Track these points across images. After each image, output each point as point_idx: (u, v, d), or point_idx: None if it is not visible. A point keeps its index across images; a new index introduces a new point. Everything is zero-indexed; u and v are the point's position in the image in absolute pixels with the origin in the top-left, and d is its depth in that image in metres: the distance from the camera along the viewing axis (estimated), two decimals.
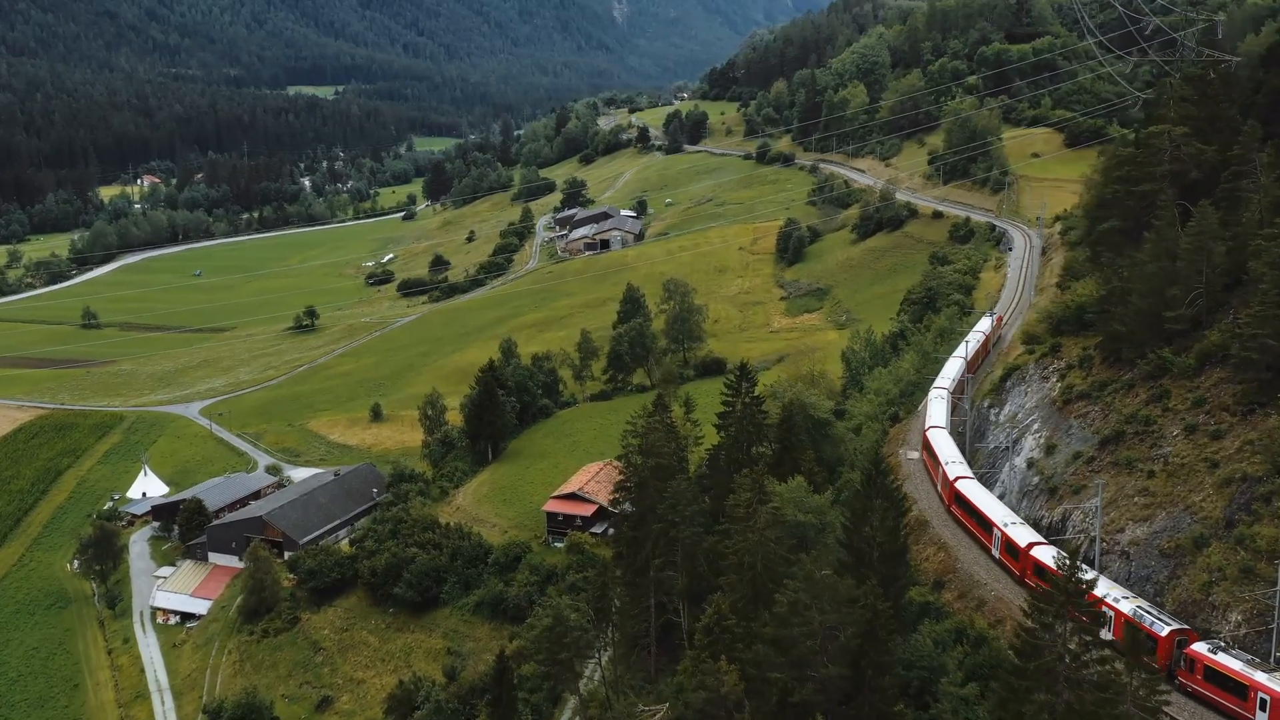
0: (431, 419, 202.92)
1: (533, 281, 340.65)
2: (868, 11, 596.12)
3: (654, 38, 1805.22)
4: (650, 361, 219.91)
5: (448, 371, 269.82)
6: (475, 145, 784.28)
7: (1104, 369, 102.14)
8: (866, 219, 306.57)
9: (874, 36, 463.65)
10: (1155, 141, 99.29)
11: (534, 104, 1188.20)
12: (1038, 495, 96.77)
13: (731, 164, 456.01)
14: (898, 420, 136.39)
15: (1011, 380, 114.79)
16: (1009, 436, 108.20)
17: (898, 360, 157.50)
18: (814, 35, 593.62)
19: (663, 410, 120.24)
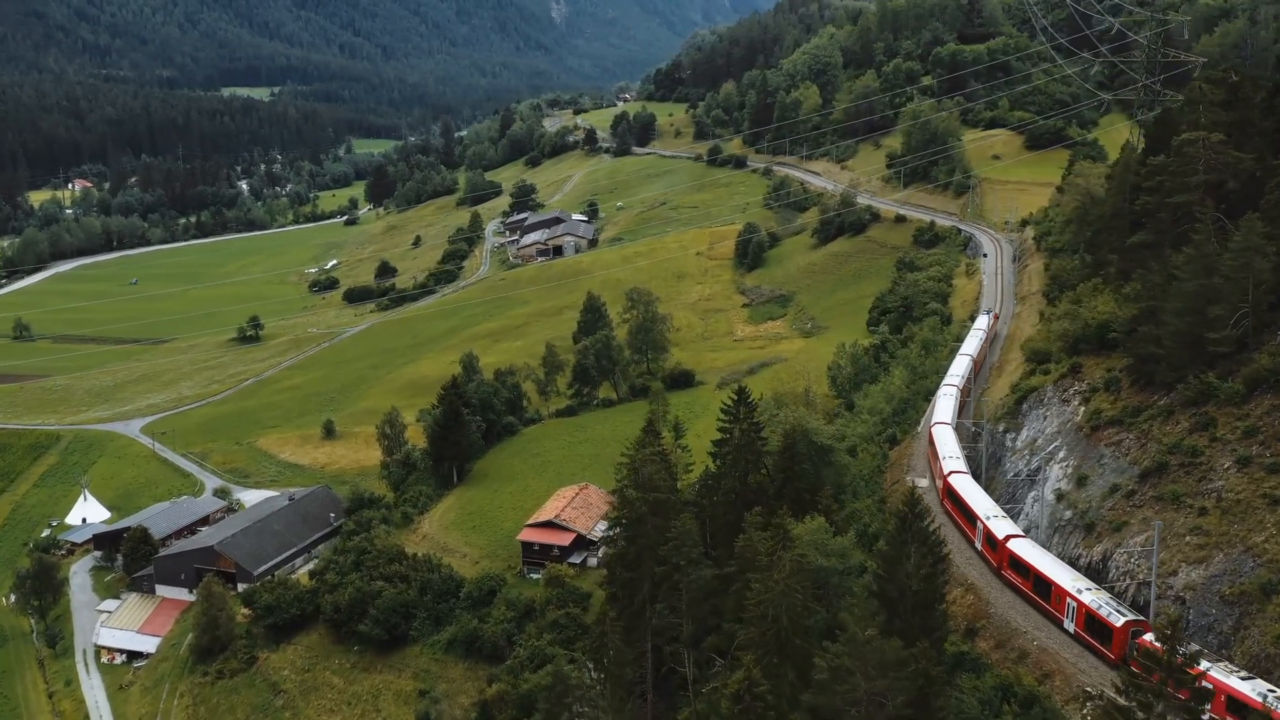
0: (391, 438, 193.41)
1: (485, 289, 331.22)
2: (814, 12, 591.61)
3: (592, 38, 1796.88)
4: (616, 375, 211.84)
5: (401, 384, 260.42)
6: (416, 147, 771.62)
7: (1134, 393, 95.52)
8: (827, 223, 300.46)
9: (825, 37, 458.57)
10: (1189, 150, 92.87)
11: (473, 105, 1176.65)
12: (1071, 531, 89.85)
13: (682, 167, 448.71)
14: (896, 443, 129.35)
15: (1028, 403, 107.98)
16: (1029, 465, 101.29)
17: (887, 376, 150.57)
18: (761, 36, 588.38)
19: (654, 437, 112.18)
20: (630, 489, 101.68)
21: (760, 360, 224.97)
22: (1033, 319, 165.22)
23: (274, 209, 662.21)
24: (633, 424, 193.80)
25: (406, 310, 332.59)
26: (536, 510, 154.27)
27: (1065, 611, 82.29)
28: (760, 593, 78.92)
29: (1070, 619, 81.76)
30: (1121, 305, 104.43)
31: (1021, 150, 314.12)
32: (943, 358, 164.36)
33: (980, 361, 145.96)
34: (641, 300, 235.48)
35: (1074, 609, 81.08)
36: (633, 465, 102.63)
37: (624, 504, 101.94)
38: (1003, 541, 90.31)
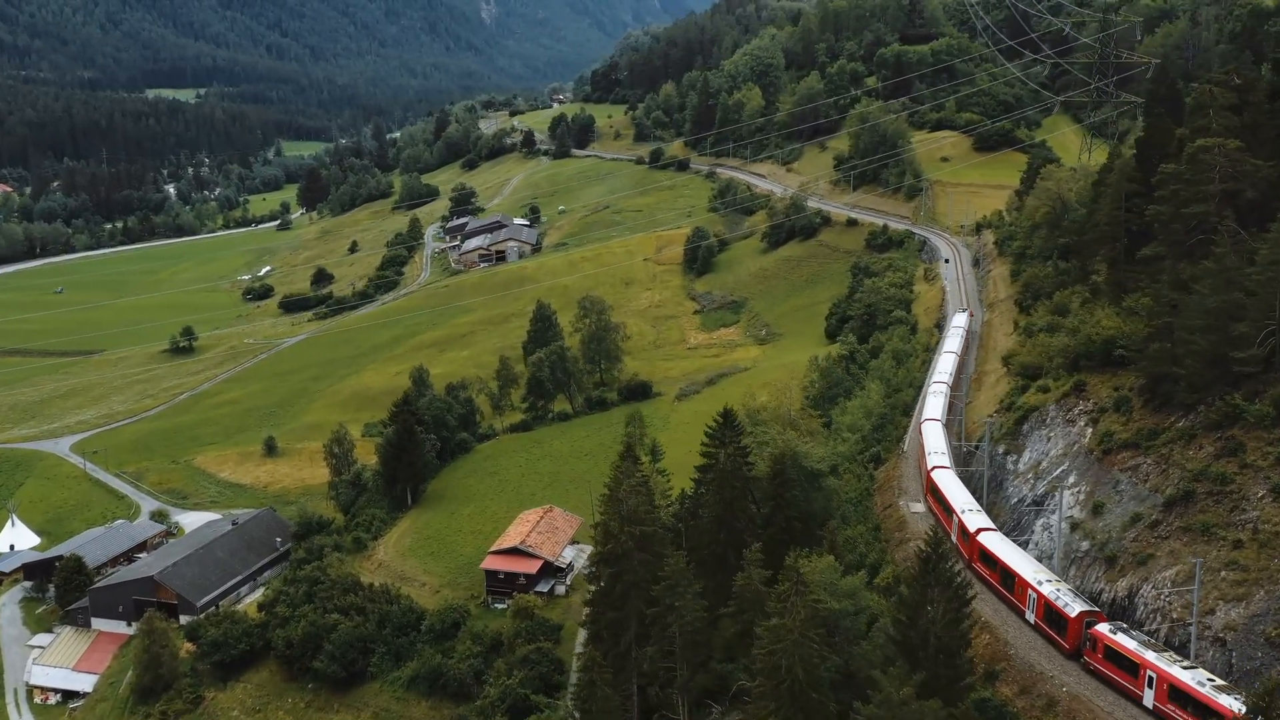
0: (339, 457, 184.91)
1: (427, 296, 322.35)
2: (751, 13, 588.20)
3: (523, 39, 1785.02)
4: (572, 387, 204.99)
5: (344, 397, 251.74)
6: (348, 150, 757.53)
7: (1147, 414, 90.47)
8: (777, 227, 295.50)
9: (766, 38, 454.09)
10: (1205, 157, 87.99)
11: (404, 106, 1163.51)
12: (1090, 564, 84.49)
13: (624, 169, 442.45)
14: (879, 462, 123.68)
15: (1029, 423, 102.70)
16: (1034, 489, 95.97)
17: (863, 391, 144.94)
18: (698, 36, 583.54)
19: (633, 462, 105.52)
20: (614, 522, 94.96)
21: (719, 370, 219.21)
22: (1005, 327, 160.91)
23: (203, 214, 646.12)
24: (590, 438, 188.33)
25: (346, 319, 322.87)
26: (499, 535, 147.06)
27: (1027, 603, 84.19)
28: (771, 641, 72.62)
29: (1031, 610, 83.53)
30: (1127, 320, 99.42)
31: (971, 152, 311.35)
32: (915, 368, 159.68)
33: (962, 360, 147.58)
34: (594, 309, 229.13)
35: (1034, 600, 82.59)
36: (615, 496, 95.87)
37: (607, 538, 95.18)
38: (974, 535, 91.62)
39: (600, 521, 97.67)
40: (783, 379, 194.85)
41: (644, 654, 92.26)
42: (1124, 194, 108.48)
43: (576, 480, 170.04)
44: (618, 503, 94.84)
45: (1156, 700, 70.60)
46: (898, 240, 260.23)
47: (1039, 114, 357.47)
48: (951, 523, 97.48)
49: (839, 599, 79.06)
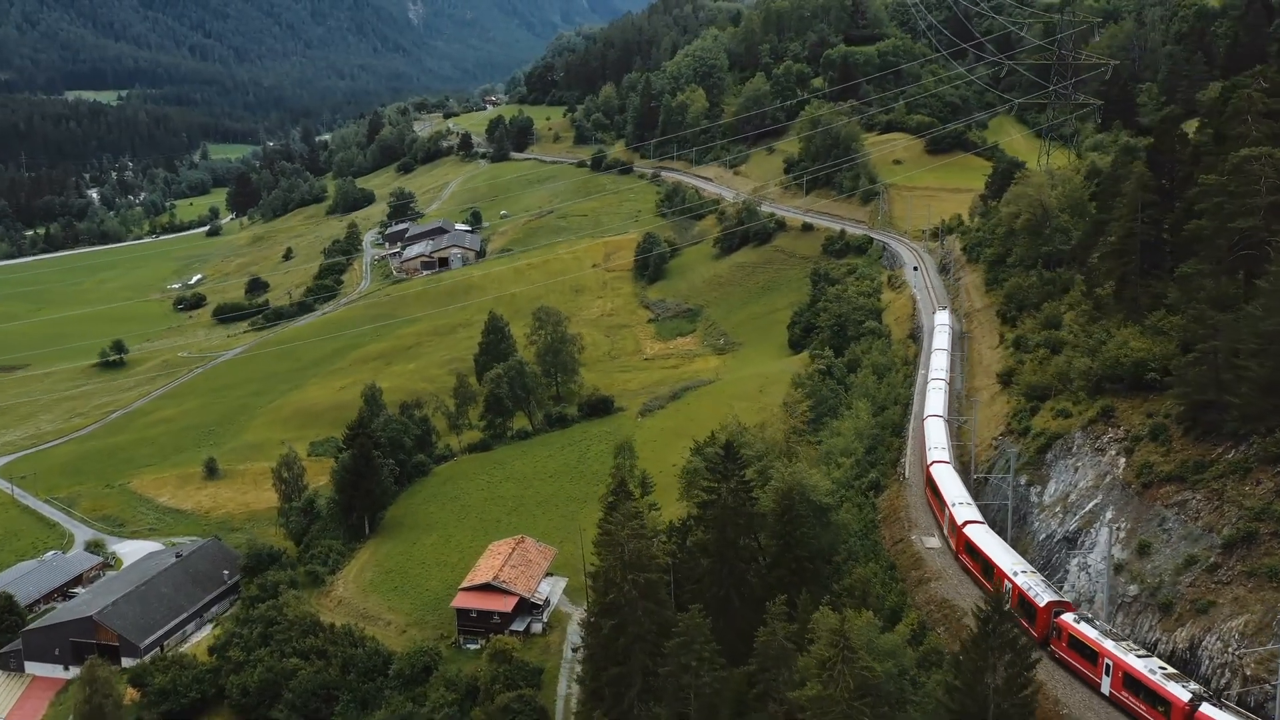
0: (289, 482, 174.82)
1: (369, 306, 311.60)
2: (689, 13, 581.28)
3: (451, 39, 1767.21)
4: (531, 404, 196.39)
5: (287, 414, 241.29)
6: (277, 153, 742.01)
7: (1189, 444, 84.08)
8: (730, 232, 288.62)
9: (709, 39, 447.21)
10: (1252, 168, 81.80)
11: (333, 108, 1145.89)
12: (1142, 610, 77.73)
13: (565, 172, 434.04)
14: (879, 489, 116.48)
15: (1053, 452, 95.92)
16: (1065, 525, 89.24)
17: (850, 411, 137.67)
18: (636, 37, 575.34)
19: (625, 497, 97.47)
20: (614, 568, 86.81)
21: (682, 383, 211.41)
22: (989, 340, 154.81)
23: (129, 219, 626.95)
24: (554, 458, 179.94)
25: (285, 330, 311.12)
26: (465, 567, 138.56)
27: (1003, 593, 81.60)
28: (816, 715, 65.05)
29: (1007, 600, 78.91)
30: (1156, 341, 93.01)
31: (923, 155, 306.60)
32: (898, 383, 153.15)
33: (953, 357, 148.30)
34: (550, 320, 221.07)
35: (1010, 590, 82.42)
36: (614, 540, 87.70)
37: (608, 586, 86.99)
38: (960, 527, 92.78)
39: (600, 569, 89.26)
40: (750, 392, 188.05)
41: (650, 713, 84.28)
42: (1140, 204, 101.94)
43: (543, 504, 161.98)
44: (617, 547, 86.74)
45: (1112, 687, 72.15)
46: (856, 246, 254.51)
47: (986, 116, 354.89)
48: (944, 516, 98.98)
49: (880, 659, 71.55)
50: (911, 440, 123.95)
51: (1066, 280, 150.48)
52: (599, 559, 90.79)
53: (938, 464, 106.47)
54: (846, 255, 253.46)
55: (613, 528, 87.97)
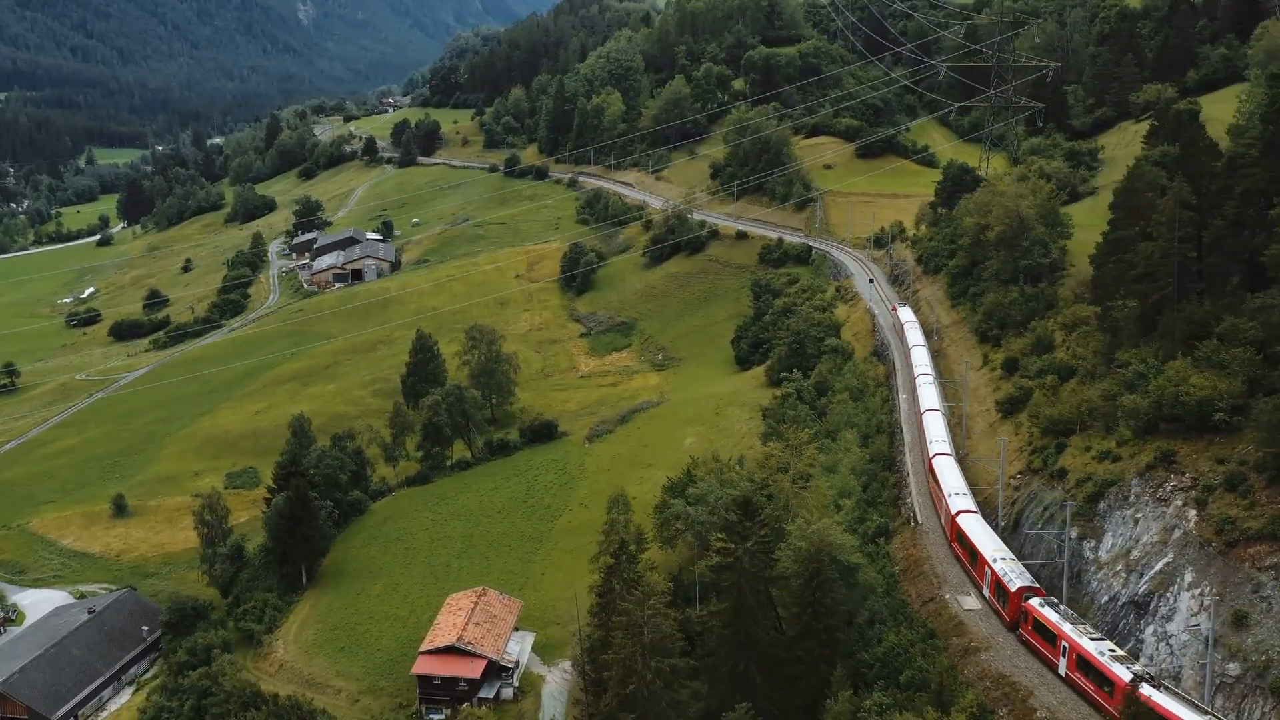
0: (212, 525, 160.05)
1: (280, 322, 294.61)
2: (595, 14, 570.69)
3: (342, 40, 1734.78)
4: (471, 431, 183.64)
5: (199, 442, 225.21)
6: (168, 157, 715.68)
7: (1277, 496, 75.09)
8: (660, 241, 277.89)
9: (622, 40, 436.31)
10: None
11: (224, 111, 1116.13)
12: (1249, 694, 68.37)
13: (477, 178, 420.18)
14: (888, 535, 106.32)
15: (1107, 501, 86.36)
16: (1131, 587, 79.78)
17: (837, 444, 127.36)
18: (542, 39, 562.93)
19: (629, 561, 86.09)
20: (633, 654, 75.39)
21: (624, 402, 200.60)
22: (969, 359, 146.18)
23: (11, 229, 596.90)
24: (499, 491, 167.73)
25: (190, 348, 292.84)
26: (420, 623, 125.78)
27: (984, 579, 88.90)
28: None
29: (986, 585, 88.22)
30: (1220, 377, 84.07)
31: (853, 159, 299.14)
32: (877, 407, 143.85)
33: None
34: (484, 339, 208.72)
35: (989, 576, 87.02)
36: (633, 621, 76.27)
37: (627, 675, 75.55)
38: (953, 516, 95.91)
39: (616, 655, 77.65)
40: (705, 415, 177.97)
41: None
42: (1177, 223, 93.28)
43: (495, 545, 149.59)
44: (636, 630, 75.34)
45: (1068, 669, 75.51)
46: (795, 255, 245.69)
47: (905, 117, 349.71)
48: (942, 506, 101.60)
49: None
50: (913, 477, 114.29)
51: (1050, 296, 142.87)
52: (610, 639, 79.26)
53: (940, 456, 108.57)
54: (785, 265, 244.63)
55: (630, 606, 76.54)
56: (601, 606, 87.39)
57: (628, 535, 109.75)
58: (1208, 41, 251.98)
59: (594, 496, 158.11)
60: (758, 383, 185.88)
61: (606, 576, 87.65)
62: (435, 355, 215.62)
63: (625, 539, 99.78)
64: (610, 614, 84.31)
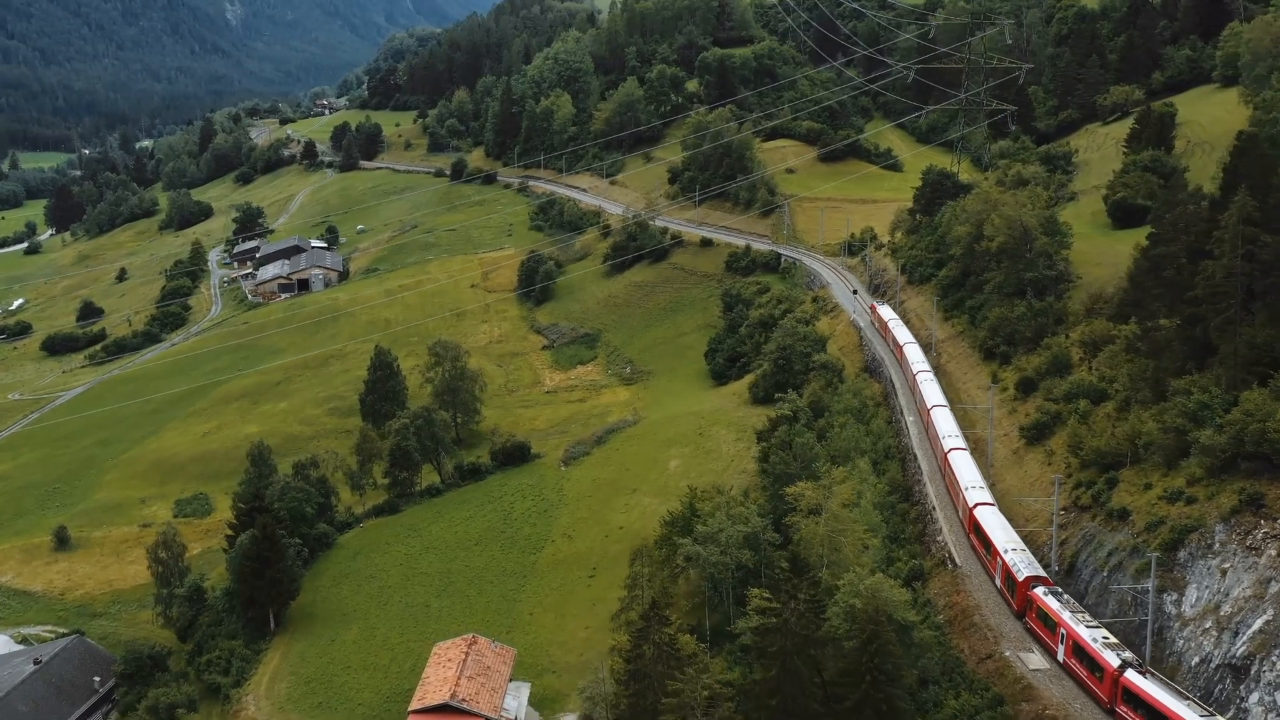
0: (167, 564, 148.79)
1: (225, 336, 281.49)
2: (537, 14, 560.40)
3: (272, 41, 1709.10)
4: (441, 455, 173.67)
5: (144, 466, 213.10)
6: (95, 161, 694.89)
7: None
8: (620, 248, 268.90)
9: (570, 41, 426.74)
10: None
11: (152, 113, 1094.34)
12: None
13: (422, 183, 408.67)
14: (921, 577, 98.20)
15: (1188, 549, 78.72)
16: (1226, 648, 72.14)
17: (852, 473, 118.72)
18: (484, 39, 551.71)
19: (660, 623, 77.26)
20: None
21: (596, 419, 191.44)
22: (974, 378, 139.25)
23: None
24: (474, 520, 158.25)
25: (131, 364, 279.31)
26: (402, 672, 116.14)
27: (996, 569, 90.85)
28: None
29: (998, 575, 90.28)
30: None
31: (815, 163, 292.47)
32: (881, 429, 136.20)
33: None
34: (448, 354, 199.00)
35: (1001, 566, 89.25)
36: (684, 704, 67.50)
37: None
38: (971, 509, 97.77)
39: None
40: (687, 435, 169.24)
41: None
42: (1240, 239, 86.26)
43: (476, 581, 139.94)
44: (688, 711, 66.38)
45: (1065, 655, 77.97)
46: (764, 263, 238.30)
47: (860, 119, 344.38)
48: (959, 500, 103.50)
49: None
50: (941, 512, 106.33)
51: (1058, 311, 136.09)
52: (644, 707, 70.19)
53: (955, 451, 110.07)
54: (754, 273, 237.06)
55: (683, 685, 67.82)
56: (631, 675, 78.53)
57: (656, 593, 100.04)
58: (1169, 43, 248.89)
59: (577, 526, 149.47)
60: (740, 400, 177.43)
61: (636, 640, 78.83)
62: (395, 372, 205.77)
63: (656, 598, 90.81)
64: (642, 682, 75.69)
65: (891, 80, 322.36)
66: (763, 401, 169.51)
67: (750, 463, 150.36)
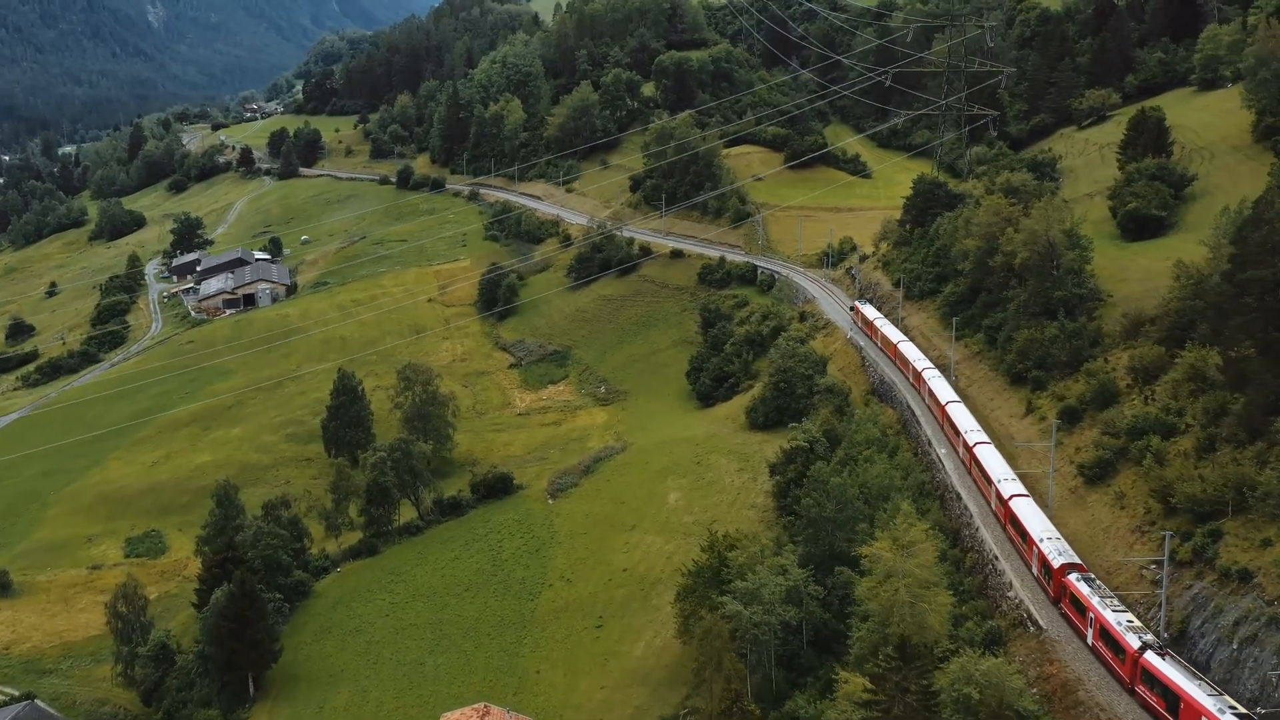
0: (127, 618, 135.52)
1: (169, 355, 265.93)
2: (477, 17, 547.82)
3: (195, 44, 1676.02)
4: (419, 489, 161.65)
5: (88, 500, 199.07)
6: (19, 169, 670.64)
7: None
8: (584, 259, 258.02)
9: (518, 44, 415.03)
10: None
11: (74, 118, 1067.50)
12: None
13: (367, 191, 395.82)
14: (1000, 641, 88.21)
15: None
16: None
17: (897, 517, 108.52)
18: (424, 42, 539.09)
19: None
20: None
21: (583, 447, 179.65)
22: (1005, 406, 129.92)
23: None
24: (461, 562, 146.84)
25: (69, 386, 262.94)
26: None
27: (1032, 557, 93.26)
28: None
29: (1035, 564, 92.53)
30: None
31: (782, 170, 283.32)
32: (912, 465, 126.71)
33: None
34: (419, 378, 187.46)
35: (1037, 555, 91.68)
36: None
37: None
38: (1006, 500, 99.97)
39: None
40: (684, 465, 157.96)
41: None
42: None
43: (471, 633, 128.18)
44: None
45: (1094, 638, 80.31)
46: (740, 275, 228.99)
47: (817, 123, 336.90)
48: (990, 492, 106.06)
49: None
50: (1006, 562, 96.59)
51: (1093, 332, 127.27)
52: None
53: (981, 445, 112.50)
54: (729, 285, 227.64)
55: None
56: None
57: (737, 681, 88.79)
58: (1138, 45, 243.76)
59: (576, 568, 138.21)
60: (736, 425, 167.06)
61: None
62: (360, 397, 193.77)
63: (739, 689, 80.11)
64: None
65: (854, 85, 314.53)
66: (763, 427, 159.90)
67: (759, 496, 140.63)
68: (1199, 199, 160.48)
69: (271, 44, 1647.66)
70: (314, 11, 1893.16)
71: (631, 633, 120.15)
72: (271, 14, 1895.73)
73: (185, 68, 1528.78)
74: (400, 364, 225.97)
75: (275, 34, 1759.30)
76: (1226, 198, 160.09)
